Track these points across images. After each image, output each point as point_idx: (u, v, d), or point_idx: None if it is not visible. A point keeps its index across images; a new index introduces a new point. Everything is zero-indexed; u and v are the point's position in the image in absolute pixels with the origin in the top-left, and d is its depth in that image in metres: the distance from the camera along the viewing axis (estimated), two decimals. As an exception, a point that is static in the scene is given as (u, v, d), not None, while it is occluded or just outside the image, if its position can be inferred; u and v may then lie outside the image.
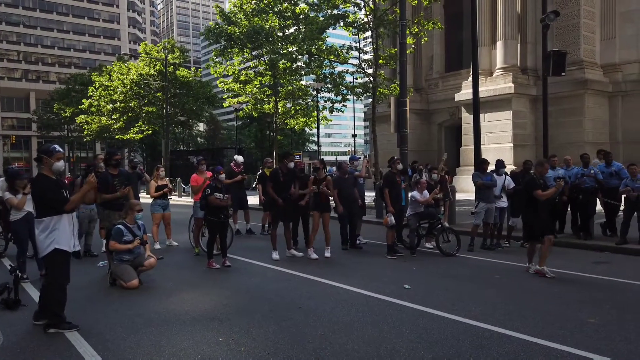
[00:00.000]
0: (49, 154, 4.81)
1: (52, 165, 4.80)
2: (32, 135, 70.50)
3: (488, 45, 25.02)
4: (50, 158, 4.80)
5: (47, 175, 4.81)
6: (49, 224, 4.73)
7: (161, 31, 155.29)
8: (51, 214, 4.73)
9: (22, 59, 76.75)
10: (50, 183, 4.77)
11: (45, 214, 4.74)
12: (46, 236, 4.73)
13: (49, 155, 4.80)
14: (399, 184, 9.52)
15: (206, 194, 7.97)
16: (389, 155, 16.66)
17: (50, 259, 4.81)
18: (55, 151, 4.84)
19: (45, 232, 4.73)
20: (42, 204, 4.77)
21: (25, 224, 7.05)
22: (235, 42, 24.50)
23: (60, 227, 4.77)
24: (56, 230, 4.74)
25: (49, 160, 4.80)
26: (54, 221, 4.75)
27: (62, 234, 4.77)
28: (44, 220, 4.75)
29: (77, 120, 40.42)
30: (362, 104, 75.51)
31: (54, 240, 4.74)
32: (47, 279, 4.91)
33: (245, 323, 5.02)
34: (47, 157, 4.80)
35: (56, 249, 4.75)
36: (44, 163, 4.82)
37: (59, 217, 4.77)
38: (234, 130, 60.31)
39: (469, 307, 5.51)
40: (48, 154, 4.81)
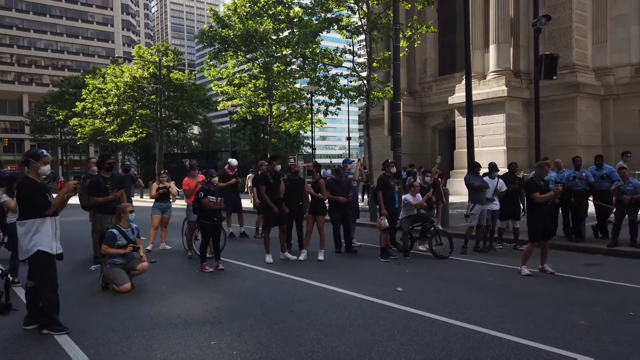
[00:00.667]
0: (36, 158, 4.84)
1: (38, 168, 4.84)
2: (25, 138, 70.07)
3: (481, 48, 25.19)
4: (37, 162, 4.84)
5: (33, 179, 4.83)
6: (31, 226, 4.76)
7: (155, 34, 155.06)
8: (34, 217, 4.76)
9: (15, 62, 76.36)
10: (35, 186, 4.79)
11: (28, 217, 4.76)
12: (30, 238, 4.75)
13: (36, 159, 4.84)
14: (393, 187, 9.55)
15: (199, 197, 7.95)
16: (383, 158, 16.71)
17: (34, 261, 4.82)
18: (42, 155, 4.89)
19: (29, 234, 4.75)
20: (26, 206, 4.79)
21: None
22: (230, 45, 24.51)
23: (43, 229, 4.79)
24: (39, 233, 4.77)
25: (36, 164, 4.84)
26: (37, 223, 4.77)
27: (44, 236, 4.79)
28: (26, 222, 4.77)
29: (70, 123, 40.26)
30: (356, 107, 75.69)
31: (36, 242, 4.76)
32: (35, 281, 4.89)
33: (237, 326, 5.01)
34: (34, 161, 4.84)
35: (39, 251, 4.77)
36: (31, 166, 4.85)
37: (42, 219, 4.79)
38: (228, 133, 60.27)
39: (461, 310, 5.53)
40: (35, 158, 4.85)
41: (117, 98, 33.09)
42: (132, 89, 33.39)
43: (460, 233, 10.40)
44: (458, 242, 9.55)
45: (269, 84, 25.63)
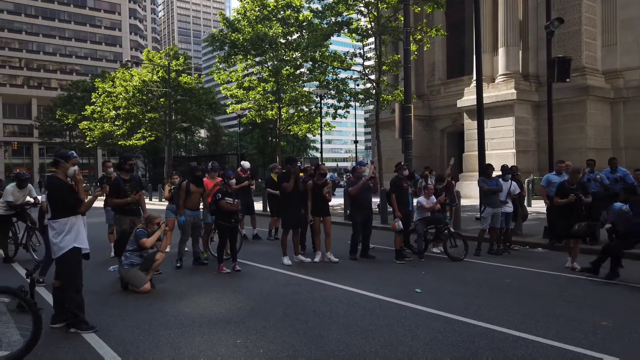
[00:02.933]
0: (66, 159, 4.96)
1: (67, 169, 4.93)
2: (34, 141, 70.73)
3: (490, 51, 25.18)
4: (66, 162, 4.94)
5: (62, 179, 4.92)
6: (64, 225, 4.86)
7: (162, 38, 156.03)
8: (66, 215, 4.86)
9: (24, 66, 77.12)
10: (65, 185, 4.92)
11: (61, 215, 4.86)
12: (63, 236, 4.85)
13: (65, 160, 4.95)
14: (406, 189, 9.59)
15: (217, 199, 8.02)
16: (391, 161, 16.75)
17: (64, 260, 4.90)
18: (72, 157, 5.01)
19: (62, 232, 4.85)
20: (58, 205, 4.89)
21: None
22: (239, 49, 24.67)
23: (75, 227, 4.91)
24: (73, 231, 4.88)
25: (65, 164, 4.94)
26: (70, 222, 4.88)
27: (77, 234, 4.91)
28: (59, 220, 4.87)
29: (79, 126, 40.55)
30: (363, 110, 75.83)
31: (69, 239, 4.86)
32: (62, 280, 4.97)
33: (261, 326, 5.06)
34: (63, 162, 4.95)
35: (75, 247, 4.88)
36: (60, 167, 4.95)
37: (75, 217, 4.91)
38: (236, 136, 60.52)
39: (482, 311, 5.55)
40: (65, 159, 4.96)
41: (126, 102, 33.32)
42: (141, 92, 33.62)
43: (472, 236, 10.42)
44: (472, 244, 9.56)
45: (278, 87, 25.76)
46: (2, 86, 74.89)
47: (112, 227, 9.57)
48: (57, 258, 4.93)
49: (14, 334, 4.44)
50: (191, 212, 8.60)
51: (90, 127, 38.15)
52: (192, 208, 8.63)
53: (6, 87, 75.05)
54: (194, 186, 8.59)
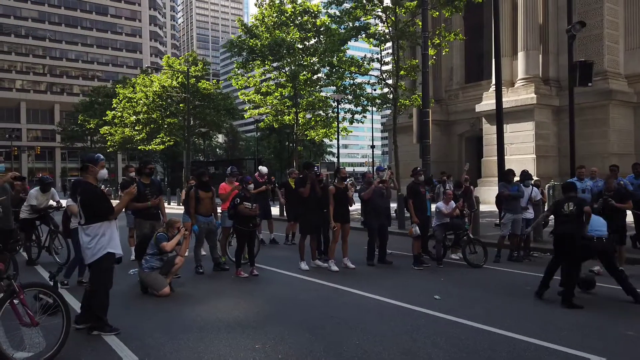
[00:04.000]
0: (94, 162, 4.98)
1: (97, 173, 4.97)
2: (56, 146, 72.18)
3: (509, 56, 24.92)
4: (95, 166, 4.97)
5: (94, 184, 4.96)
6: (98, 230, 4.88)
7: (181, 44, 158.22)
8: (100, 221, 4.90)
9: (47, 72, 78.89)
10: (99, 191, 4.96)
11: (94, 221, 4.89)
12: (97, 241, 4.88)
13: (94, 164, 4.97)
14: (423, 194, 9.52)
15: (235, 203, 8.07)
16: (408, 166, 16.63)
17: (99, 264, 4.94)
18: (100, 160, 5.02)
19: (96, 237, 4.88)
20: (91, 210, 4.90)
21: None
22: (257, 55, 24.88)
23: (108, 232, 4.94)
24: (105, 236, 4.91)
25: (94, 168, 4.97)
26: (103, 227, 4.91)
27: (110, 239, 4.95)
28: (92, 226, 4.89)
29: (100, 131, 41.26)
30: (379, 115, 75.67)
31: (103, 245, 4.90)
32: (94, 284, 5.03)
33: (279, 331, 5.06)
34: (92, 166, 4.97)
35: (108, 253, 4.92)
36: (89, 171, 4.97)
37: (108, 223, 4.94)
38: (253, 141, 60.90)
39: (502, 318, 5.47)
40: (93, 162, 4.98)
41: (146, 107, 33.83)
42: (161, 98, 34.11)
43: (491, 242, 10.28)
44: (492, 251, 9.43)
45: (295, 92, 25.87)
46: (26, 92, 76.73)
47: (132, 230, 9.69)
48: (91, 263, 4.98)
49: (36, 336, 4.52)
50: (205, 219, 8.41)
51: (111, 132, 38.81)
52: (205, 214, 8.43)
53: (30, 93, 76.87)
54: (203, 192, 8.42)
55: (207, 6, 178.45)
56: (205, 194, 8.44)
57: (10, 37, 75.21)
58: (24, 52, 76.84)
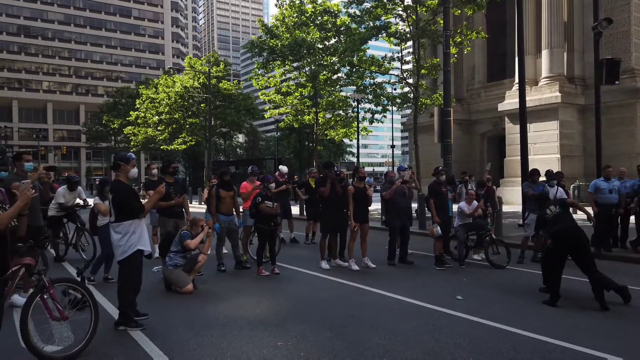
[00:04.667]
0: (127, 161, 5.09)
1: (128, 172, 5.09)
2: (81, 146, 73.82)
3: (533, 54, 24.49)
4: (127, 165, 5.08)
5: (125, 182, 5.08)
6: (128, 228, 5.00)
7: (202, 45, 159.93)
8: (130, 219, 5.01)
9: (73, 74, 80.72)
10: (131, 190, 5.09)
11: (125, 218, 5.01)
12: (127, 239, 5.00)
13: (126, 163, 5.08)
14: (445, 194, 9.44)
15: (257, 202, 8.14)
16: (429, 165, 16.49)
17: (128, 262, 5.06)
18: (131, 159, 5.13)
19: (127, 235, 5.00)
20: (122, 209, 5.01)
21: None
22: (277, 55, 25.00)
23: (138, 230, 5.06)
24: (135, 234, 5.03)
25: (126, 167, 5.08)
26: (134, 225, 5.03)
27: (140, 237, 5.07)
28: (122, 224, 5.01)
29: (124, 131, 42.00)
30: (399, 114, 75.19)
31: (133, 242, 5.02)
32: (122, 280, 5.15)
33: (300, 329, 5.09)
34: (124, 164, 5.08)
35: (138, 250, 5.03)
36: (121, 170, 5.09)
37: (138, 221, 5.07)
38: (273, 141, 61.24)
39: (526, 320, 5.40)
40: (125, 161, 5.09)
41: (168, 107, 34.31)
42: (183, 98, 34.55)
43: (514, 243, 10.14)
44: (514, 252, 9.29)
45: (315, 92, 25.92)
46: (53, 93, 78.65)
47: (155, 228, 9.87)
48: (121, 260, 5.09)
49: (65, 330, 4.65)
50: (226, 218, 8.48)
51: (134, 132, 39.48)
52: (226, 213, 8.49)
53: (56, 94, 78.79)
54: (224, 191, 8.47)
55: (228, 7, 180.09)
56: (227, 193, 8.53)
57: (37, 40, 77.19)
58: (51, 54, 78.78)
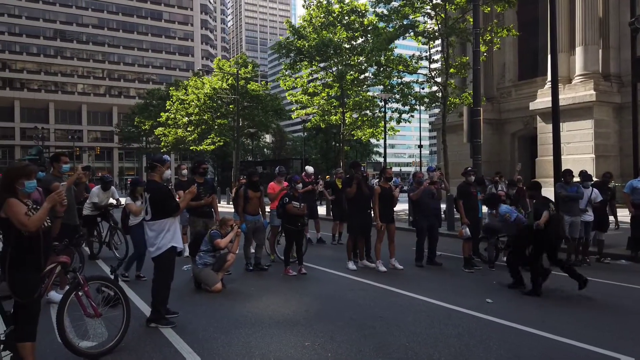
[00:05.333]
0: (162, 163, 5.31)
1: (163, 173, 5.29)
2: (114, 147, 75.75)
3: (566, 51, 23.86)
4: (162, 166, 5.29)
5: (159, 182, 5.24)
6: (164, 226, 5.19)
7: (231, 47, 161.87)
8: (165, 217, 5.19)
9: (106, 76, 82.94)
10: (167, 190, 5.30)
11: (161, 217, 5.20)
12: (163, 236, 5.17)
13: (161, 164, 5.30)
14: (474, 195, 9.28)
15: (284, 203, 8.19)
16: (458, 166, 16.26)
17: (162, 258, 5.23)
18: (167, 161, 5.36)
19: (162, 232, 5.18)
20: (159, 208, 5.19)
21: (141, 229, 7.60)
22: (304, 56, 25.08)
23: (172, 228, 5.24)
24: (170, 231, 5.21)
25: (162, 168, 5.29)
26: (169, 223, 5.21)
27: (174, 235, 5.25)
28: (158, 222, 5.19)
29: (155, 132, 42.88)
30: (427, 114, 74.40)
31: (168, 240, 5.19)
32: (157, 276, 5.30)
33: (328, 329, 5.10)
34: (160, 166, 5.29)
35: (172, 247, 5.22)
36: (157, 171, 5.29)
37: (173, 219, 5.26)
38: (300, 141, 61.50)
39: (558, 324, 5.26)
40: (161, 163, 5.31)
41: (197, 108, 34.86)
42: (212, 99, 35.04)
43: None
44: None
45: (342, 92, 25.89)
46: (87, 95, 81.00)
47: (185, 227, 10.02)
48: (155, 257, 5.27)
49: (99, 326, 4.78)
50: (252, 218, 8.48)
51: (164, 132, 40.26)
52: (252, 213, 8.52)
53: (90, 97, 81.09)
54: (252, 191, 8.52)
55: (256, 9, 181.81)
56: (254, 194, 8.58)
57: (72, 44, 79.66)
58: (85, 57, 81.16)
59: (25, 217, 3.51)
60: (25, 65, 76.88)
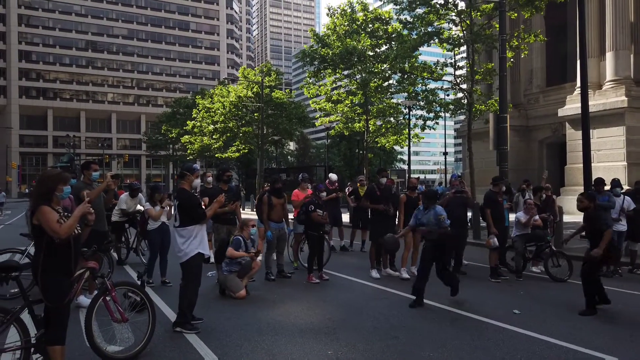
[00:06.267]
0: (192, 172, 5.45)
1: (192, 181, 5.42)
2: (142, 154, 77.33)
3: (596, 56, 23.29)
4: (192, 175, 5.42)
5: (188, 190, 5.39)
6: (192, 232, 5.31)
7: (256, 55, 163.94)
8: (193, 224, 5.31)
9: (135, 86, 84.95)
10: (195, 198, 5.44)
11: (189, 223, 5.32)
12: (190, 242, 5.29)
13: (191, 173, 5.44)
14: (501, 203, 9.11)
15: (308, 210, 8.21)
16: (484, 173, 16.00)
17: (190, 263, 5.34)
18: (196, 170, 5.51)
19: (190, 239, 5.30)
20: (187, 215, 5.33)
21: (159, 234, 7.83)
22: (328, 63, 25.17)
23: (199, 235, 5.35)
24: (197, 238, 5.33)
25: (191, 177, 5.42)
26: (196, 230, 5.33)
27: (201, 241, 5.36)
28: (187, 228, 5.31)
29: (181, 140, 43.63)
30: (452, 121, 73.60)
31: (195, 246, 5.30)
32: (185, 281, 5.40)
33: (351, 338, 5.06)
34: (189, 174, 5.43)
35: (199, 253, 5.32)
36: (186, 179, 5.43)
37: (200, 226, 5.37)
38: (323, 148, 61.64)
39: (589, 337, 5.10)
40: (190, 172, 5.45)
41: (223, 117, 35.34)
42: (237, 107, 35.48)
43: (576, 255, 9.60)
44: (576, 265, 8.80)
45: (365, 99, 25.86)
46: (117, 104, 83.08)
47: (210, 234, 10.14)
48: (183, 262, 5.37)
49: (126, 331, 4.87)
50: (276, 225, 8.45)
51: (190, 140, 40.92)
52: (277, 220, 8.49)
53: (120, 105, 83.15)
54: (275, 198, 8.50)
55: (281, 18, 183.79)
56: (278, 200, 8.58)
57: (103, 54, 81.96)
58: (115, 67, 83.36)
59: (57, 224, 3.61)
60: (58, 75, 79.41)
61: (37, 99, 77.28)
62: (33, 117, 76.14)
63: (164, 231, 7.89)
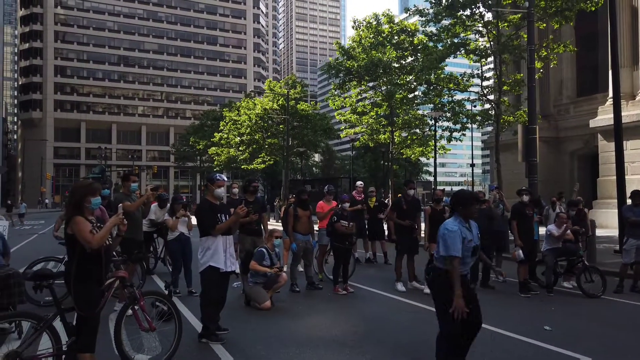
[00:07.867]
0: (211, 182, 5.48)
1: (213, 191, 5.43)
2: (170, 165, 78.92)
3: (629, 66, 22.66)
4: (212, 185, 5.43)
5: (209, 200, 5.41)
6: (207, 244, 5.32)
7: (282, 68, 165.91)
8: (205, 235, 5.33)
9: (164, 99, 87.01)
10: (208, 208, 5.36)
11: (202, 234, 5.36)
12: (203, 254, 5.32)
13: (211, 183, 5.47)
14: (530, 216, 8.90)
15: (333, 221, 8.21)
16: (512, 185, 15.69)
17: (203, 275, 5.37)
18: (216, 179, 5.47)
19: (204, 250, 5.32)
20: (198, 225, 5.39)
21: (178, 244, 7.96)
22: (354, 76, 25.27)
23: (214, 247, 5.30)
24: (210, 250, 5.29)
25: (211, 187, 5.46)
26: (210, 241, 5.31)
27: (215, 254, 5.30)
28: (202, 239, 5.37)
29: (209, 152, 44.35)
30: (480, 132, 72.57)
31: (208, 258, 5.29)
32: (201, 293, 5.45)
33: (376, 351, 5.02)
34: (210, 184, 5.48)
35: (210, 266, 5.28)
36: (209, 189, 5.49)
37: (214, 238, 5.30)
38: (348, 160, 61.65)
39: (624, 355, 4.92)
40: (210, 182, 5.49)
41: (249, 129, 35.84)
42: (263, 120, 35.94)
43: (610, 270, 9.30)
44: (610, 280, 8.52)
45: (391, 111, 25.81)
46: (146, 117, 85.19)
47: (236, 245, 10.22)
48: (200, 272, 5.43)
49: (153, 340, 4.93)
50: (303, 237, 8.42)
51: (217, 152, 41.58)
52: (303, 232, 8.47)
53: (150, 118, 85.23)
54: (301, 210, 8.50)
55: (307, 31, 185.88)
56: (304, 212, 8.57)
57: (134, 68, 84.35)
58: (146, 81, 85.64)
59: (90, 234, 3.71)
60: (91, 89, 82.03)
61: (71, 112, 79.91)
62: (67, 129, 78.67)
63: (183, 241, 8.00)
